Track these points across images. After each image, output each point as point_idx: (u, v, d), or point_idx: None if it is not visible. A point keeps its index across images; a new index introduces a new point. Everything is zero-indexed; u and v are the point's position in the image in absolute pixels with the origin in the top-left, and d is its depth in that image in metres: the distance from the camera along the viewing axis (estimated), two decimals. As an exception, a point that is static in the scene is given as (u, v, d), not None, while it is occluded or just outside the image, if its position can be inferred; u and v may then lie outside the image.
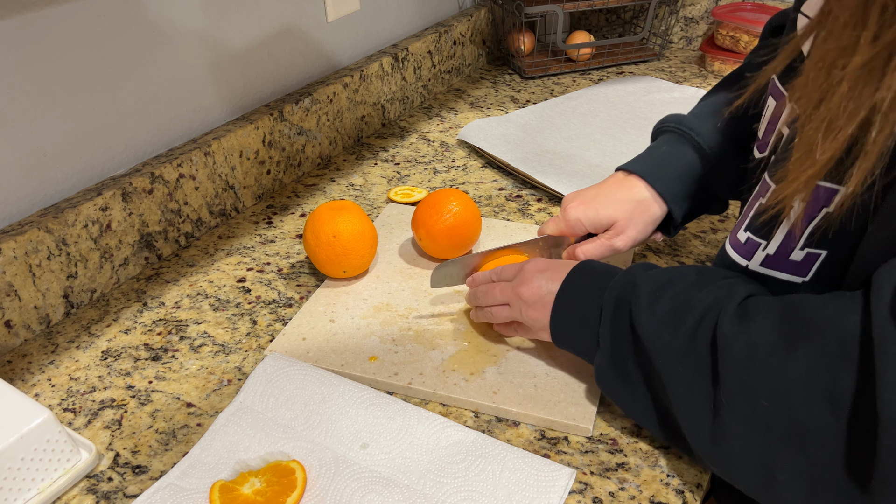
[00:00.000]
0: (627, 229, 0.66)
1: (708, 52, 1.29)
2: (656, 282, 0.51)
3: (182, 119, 0.85)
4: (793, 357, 0.41)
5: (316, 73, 1.04)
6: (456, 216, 0.74)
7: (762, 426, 0.42)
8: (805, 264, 0.47)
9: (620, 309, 0.52)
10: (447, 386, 0.60)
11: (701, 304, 0.47)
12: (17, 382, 0.64)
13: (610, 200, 0.66)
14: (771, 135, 0.54)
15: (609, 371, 0.53)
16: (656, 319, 0.49)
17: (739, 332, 0.44)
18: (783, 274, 0.48)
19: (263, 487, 0.51)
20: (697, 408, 0.46)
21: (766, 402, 0.42)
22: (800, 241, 0.46)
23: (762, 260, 0.49)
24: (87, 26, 0.71)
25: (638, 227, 0.66)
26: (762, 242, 0.49)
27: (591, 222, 0.66)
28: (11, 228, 0.67)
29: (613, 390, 0.54)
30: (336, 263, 0.71)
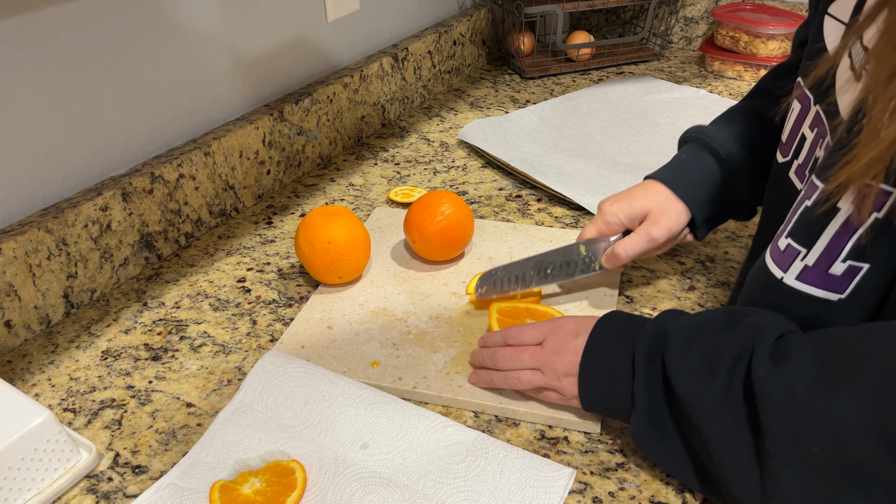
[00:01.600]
0: (661, 218, 0.66)
1: (708, 53, 1.29)
2: (686, 330, 0.49)
3: (182, 119, 0.85)
4: (836, 396, 0.39)
5: (316, 73, 1.04)
6: (449, 218, 0.74)
7: (816, 473, 0.40)
8: (844, 279, 0.45)
9: (653, 362, 0.49)
10: (452, 388, 0.60)
11: (731, 350, 0.45)
12: (17, 382, 0.64)
13: (642, 196, 0.68)
14: (794, 139, 0.54)
15: (646, 428, 0.50)
16: (689, 369, 0.47)
17: (775, 376, 0.42)
18: (819, 290, 0.46)
19: (263, 487, 0.51)
20: (743, 460, 0.44)
21: (815, 447, 0.39)
22: (843, 252, 0.44)
23: (799, 272, 0.47)
24: (87, 26, 0.71)
25: (672, 217, 0.66)
26: (802, 251, 0.47)
27: (626, 214, 0.67)
28: (11, 228, 0.67)
29: (651, 447, 0.51)
30: (332, 270, 0.71)
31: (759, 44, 1.23)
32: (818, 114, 0.50)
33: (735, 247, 0.80)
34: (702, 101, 1.16)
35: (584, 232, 0.70)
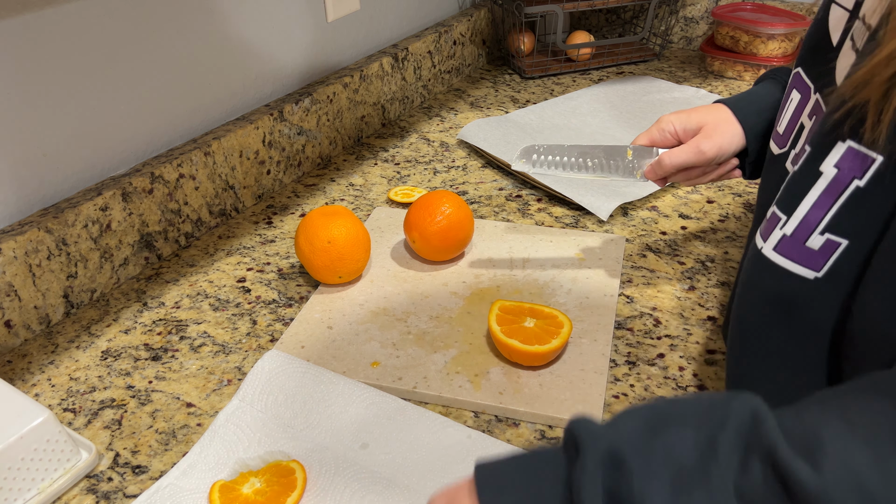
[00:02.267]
0: (714, 135, 0.64)
1: (708, 52, 1.29)
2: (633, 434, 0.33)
3: (182, 119, 0.85)
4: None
5: (316, 73, 1.04)
6: (449, 217, 0.74)
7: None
8: (821, 255, 0.43)
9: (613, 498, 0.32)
10: (452, 388, 0.60)
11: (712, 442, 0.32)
12: (17, 382, 0.64)
13: (702, 111, 0.66)
14: (792, 129, 0.53)
15: None
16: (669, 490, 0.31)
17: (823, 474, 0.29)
18: (795, 265, 0.44)
19: (263, 487, 0.51)
20: None
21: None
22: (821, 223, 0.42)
23: (777, 241, 0.46)
24: (87, 26, 0.71)
25: (726, 136, 0.64)
26: (783, 218, 0.45)
27: (681, 124, 0.66)
28: (11, 228, 0.67)
29: None
30: (332, 269, 0.71)
31: (759, 44, 1.23)
32: (818, 102, 0.50)
33: (735, 247, 0.80)
34: (702, 101, 1.16)
35: (637, 138, 0.68)
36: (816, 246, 0.43)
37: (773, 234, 0.46)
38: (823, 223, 0.42)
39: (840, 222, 0.42)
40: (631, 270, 0.77)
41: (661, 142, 0.67)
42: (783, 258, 0.46)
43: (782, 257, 0.46)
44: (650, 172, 0.66)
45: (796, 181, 0.45)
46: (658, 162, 0.65)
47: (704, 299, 0.72)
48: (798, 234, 0.44)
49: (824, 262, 0.43)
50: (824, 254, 0.43)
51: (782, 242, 0.45)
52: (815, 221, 0.43)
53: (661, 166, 0.65)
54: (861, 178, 0.40)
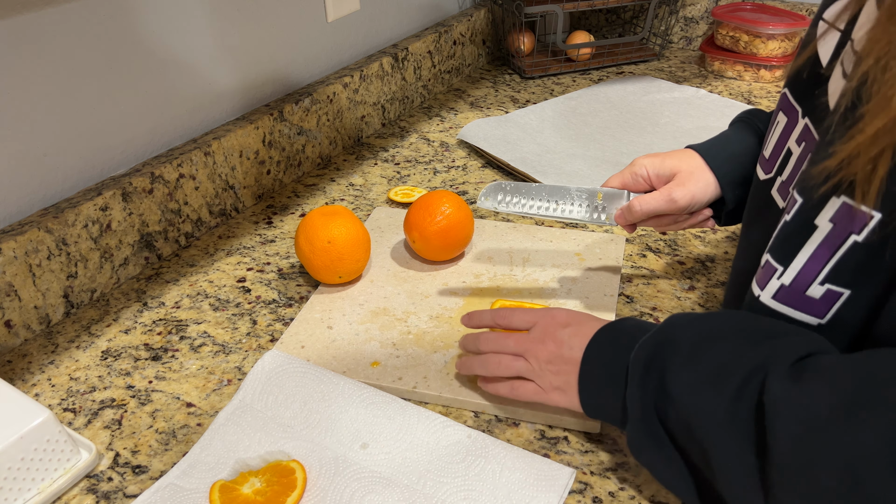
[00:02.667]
0: (688, 183, 0.62)
1: (708, 52, 1.29)
2: (697, 335, 0.45)
3: (182, 119, 0.85)
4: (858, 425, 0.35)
5: (316, 73, 1.04)
6: (449, 217, 0.74)
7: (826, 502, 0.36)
8: (823, 303, 0.42)
9: (651, 369, 0.46)
10: (452, 388, 0.60)
11: (749, 363, 0.41)
12: (17, 382, 0.64)
13: (676, 157, 0.64)
14: (779, 154, 0.51)
15: (640, 439, 0.47)
16: (696, 379, 0.43)
17: (791, 395, 0.38)
18: (796, 312, 0.44)
19: (263, 487, 0.51)
20: (746, 484, 0.40)
21: (828, 479, 0.36)
22: (820, 275, 0.41)
23: (776, 291, 0.45)
24: (87, 26, 0.71)
25: (699, 185, 0.62)
26: (779, 269, 0.44)
27: (655, 169, 0.64)
28: (11, 228, 0.67)
29: (648, 460, 0.48)
30: (332, 269, 0.71)
31: (759, 44, 1.23)
32: (807, 126, 0.48)
33: (735, 247, 0.80)
34: (702, 101, 1.16)
35: (610, 180, 0.67)
36: (817, 295, 0.43)
37: (771, 283, 0.45)
38: (822, 275, 0.42)
39: (840, 274, 0.41)
40: (631, 270, 0.77)
41: (633, 186, 0.66)
42: (783, 306, 0.45)
43: (783, 305, 0.45)
44: (620, 218, 0.65)
45: (790, 232, 0.44)
46: (628, 208, 0.64)
47: (704, 299, 0.72)
48: (797, 285, 0.43)
49: (827, 310, 0.43)
50: (826, 303, 0.42)
51: (781, 291, 0.45)
52: (814, 273, 0.42)
53: (631, 212, 0.64)
54: (859, 233, 0.39)
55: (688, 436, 0.44)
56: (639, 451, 0.48)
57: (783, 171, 0.51)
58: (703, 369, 0.43)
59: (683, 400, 0.43)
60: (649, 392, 0.46)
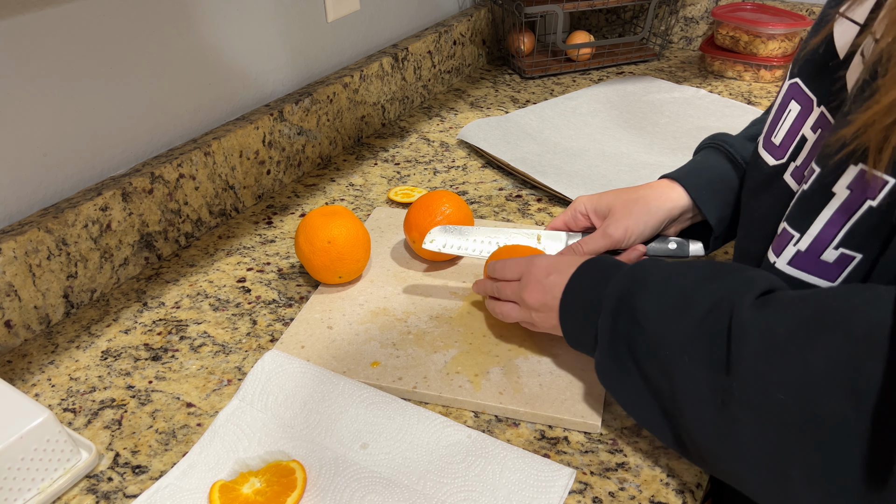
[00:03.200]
0: (623, 217, 0.65)
1: (708, 52, 1.29)
2: (666, 272, 0.50)
3: (182, 119, 0.85)
4: (814, 346, 0.39)
5: (316, 73, 1.04)
6: (449, 217, 0.74)
7: (776, 420, 0.40)
8: (836, 267, 0.45)
9: (623, 301, 0.50)
10: (452, 388, 0.60)
11: (713, 294, 0.46)
12: (17, 382, 0.64)
13: (616, 191, 0.67)
14: (791, 140, 0.53)
15: (607, 364, 0.52)
16: (663, 307, 0.48)
17: (757, 319, 0.42)
18: (810, 276, 0.47)
19: (263, 487, 0.51)
20: (703, 400, 0.44)
21: (782, 395, 0.39)
22: (835, 239, 0.44)
23: (792, 256, 0.47)
24: (87, 26, 0.71)
25: (632, 216, 0.65)
26: (795, 235, 0.47)
27: (592, 207, 0.67)
28: (11, 228, 0.67)
29: (613, 385, 0.52)
30: (332, 269, 0.71)
31: (759, 44, 1.23)
32: (823, 114, 0.50)
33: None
34: (702, 101, 1.16)
35: (553, 222, 0.71)
36: (831, 259, 0.45)
37: (787, 249, 0.48)
38: (837, 239, 0.44)
39: (854, 238, 0.44)
40: (631, 270, 0.77)
41: (574, 225, 0.69)
42: (798, 271, 0.47)
43: (798, 270, 0.47)
44: None
45: (807, 200, 0.46)
46: (572, 251, 0.68)
47: (704, 299, 0.72)
48: (812, 249, 0.46)
49: (839, 273, 0.45)
50: (839, 266, 0.45)
51: (797, 257, 0.47)
52: (830, 238, 0.45)
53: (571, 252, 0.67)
54: (874, 198, 0.42)
55: (654, 362, 0.48)
56: (605, 377, 0.53)
57: (797, 157, 0.53)
58: (669, 299, 0.48)
59: (650, 326, 0.48)
60: (620, 321, 0.50)
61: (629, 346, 0.50)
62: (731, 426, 0.42)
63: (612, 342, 0.51)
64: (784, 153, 0.55)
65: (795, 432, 0.39)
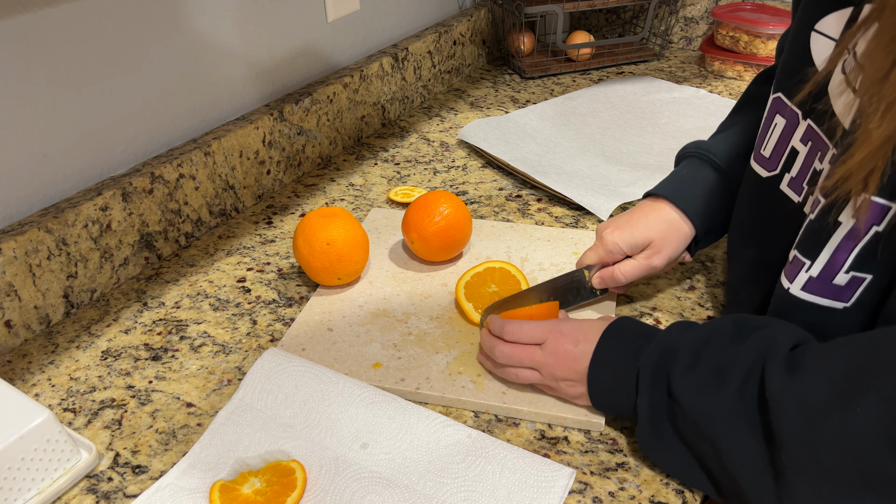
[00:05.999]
0: (663, 248, 0.67)
1: (708, 52, 1.29)
2: (694, 342, 0.50)
3: (182, 119, 0.85)
4: (852, 408, 0.39)
5: (316, 73, 1.04)
6: (447, 218, 0.74)
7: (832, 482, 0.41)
8: (848, 289, 0.46)
9: (657, 378, 0.50)
10: (455, 389, 0.60)
11: (745, 361, 0.46)
12: (17, 382, 0.64)
13: (644, 223, 0.67)
14: (781, 153, 0.54)
15: (651, 440, 0.52)
16: (699, 382, 0.48)
17: (790, 388, 0.42)
18: (824, 300, 0.48)
19: (263, 487, 0.51)
20: (757, 470, 0.44)
21: (832, 459, 0.40)
22: (845, 264, 0.45)
23: (804, 283, 0.48)
24: (88, 26, 0.71)
25: (672, 246, 0.67)
26: (807, 262, 0.48)
27: (627, 244, 0.67)
28: (11, 228, 0.67)
29: (660, 457, 0.52)
30: (331, 271, 0.71)
31: (759, 44, 1.23)
32: (810, 127, 0.51)
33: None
34: (702, 101, 1.16)
35: (584, 258, 0.70)
36: (843, 282, 0.46)
37: (800, 276, 0.49)
38: (847, 264, 0.46)
39: (863, 262, 0.45)
40: (631, 270, 0.77)
41: (608, 259, 0.69)
42: (812, 295, 0.49)
43: (812, 295, 0.49)
44: (599, 282, 0.69)
45: (816, 229, 0.47)
46: (611, 277, 0.68)
47: (704, 299, 0.72)
48: (824, 275, 0.47)
49: (852, 294, 0.47)
50: (851, 288, 0.46)
51: (809, 283, 0.48)
52: (840, 263, 0.46)
53: (613, 280, 0.68)
54: (879, 224, 0.43)
55: (698, 435, 0.48)
56: (648, 449, 0.52)
57: (791, 168, 0.54)
58: (703, 372, 0.48)
59: (689, 403, 0.48)
60: (657, 398, 0.50)
61: (671, 421, 0.50)
62: (791, 493, 0.43)
63: (652, 418, 0.51)
64: (776, 165, 0.56)
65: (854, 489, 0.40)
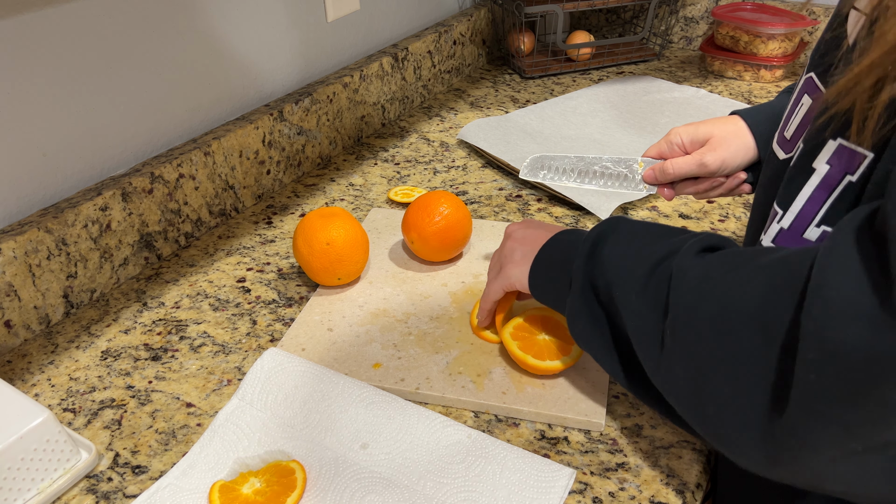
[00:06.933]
0: (719, 148, 0.65)
1: (708, 52, 1.29)
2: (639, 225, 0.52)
3: (182, 119, 0.85)
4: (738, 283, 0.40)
5: (316, 73, 1.04)
6: (447, 218, 0.73)
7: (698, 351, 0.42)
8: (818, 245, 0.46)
9: (597, 245, 0.52)
10: (455, 389, 0.60)
11: (670, 246, 0.48)
12: (17, 382, 0.64)
13: (711, 123, 0.67)
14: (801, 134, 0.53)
15: (579, 307, 0.52)
16: (624, 254, 0.50)
17: (695, 263, 0.44)
18: None
19: (263, 487, 0.51)
20: (650, 339, 0.46)
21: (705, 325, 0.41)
22: (816, 216, 0.44)
23: (775, 235, 0.48)
24: (87, 26, 0.71)
25: (731, 149, 0.65)
26: (780, 212, 0.47)
27: (689, 136, 0.66)
28: (11, 228, 0.67)
29: (581, 329, 0.53)
30: (331, 271, 0.71)
31: (759, 44, 1.23)
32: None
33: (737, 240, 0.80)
34: (702, 101, 1.16)
35: (648, 151, 0.70)
36: (813, 237, 0.45)
37: (771, 227, 0.48)
38: (818, 216, 0.44)
39: (835, 215, 0.43)
40: (631, 270, 0.77)
41: (670, 154, 0.69)
42: None
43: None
44: (650, 177, 0.68)
45: (792, 178, 0.46)
46: (661, 168, 0.67)
47: (704, 299, 0.72)
48: (795, 227, 0.46)
49: None
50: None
51: (780, 235, 0.47)
52: (811, 215, 0.45)
53: (663, 173, 0.67)
54: (853, 173, 0.41)
55: (611, 303, 0.50)
56: (575, 321, 0.53)
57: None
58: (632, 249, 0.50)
59: (610, 271, 0.50)
60: (591, 266, 0.52)
61: (596, 293, 0.52)
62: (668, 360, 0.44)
63: (583, 287, 0.52)
64: (793, 147, 0.54)
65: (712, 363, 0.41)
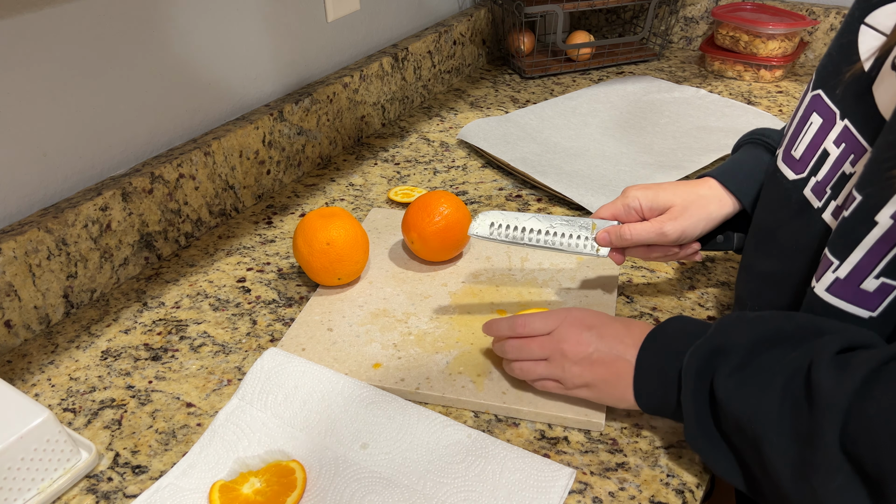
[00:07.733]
0: (680, 217, 0.63)
1: (708, 52, 1.29)
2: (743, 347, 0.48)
3: (182, 119, 0.85)
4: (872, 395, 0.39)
5: (316, 73, 1.04)
6: (447, 218, 0.74)
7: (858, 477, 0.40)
8: (876, 296, 0.44)
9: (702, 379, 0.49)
10: (455, 389, 0.60)
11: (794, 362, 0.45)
12: (17, 382, 0.64)
13: (672, 189, 0.65)
14: (812, 154, 0.52)
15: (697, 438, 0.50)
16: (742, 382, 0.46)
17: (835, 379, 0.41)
18: (849, 305, 0.46)
19: (263, 487, 0.51)
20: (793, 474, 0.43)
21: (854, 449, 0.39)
22: (876, 268, 0.43)
23: (830, 284, 0.46)
24: (88, 26, 0.71)
25: (691, 220, 0.63)
26: (835, 262, 0.46)
27: (648, 202, 0.64)
28: (11, 228, 0.67)
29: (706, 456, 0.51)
30: (331, 271, 0.71)
31: (759, 44, 1.23)
32: (847, 128, 0.48)
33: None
34: (702, 101, 1.16)
35: (601, 211, 0.67)
36: (871, 288, 0.44)
37: (826, 276, 0.47)
38: (878, 268, 0.43)
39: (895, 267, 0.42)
40: (631, 270, 0.77)
41: (626, 217, 0.66)
42: (836, 298, 0.46)
43: (836, 298, 0.46)
44: (604, 238, 0.65)
45: (849, 228, 0.45)
46: (618, 233, 0.64)
47: (704, 299, 0.72)
48: (851, 279, 0.45)
49: (879, 302, 0.44)
50: (879, 295, 0.44)
51: (836, 285, 0.46)
52: (870, 267, 0.44)
53: (620, 238, 0.64)
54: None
55: (740, 435, 0.47)
56: (697, 448, 0.51)
57: (818, 172, 0.51)
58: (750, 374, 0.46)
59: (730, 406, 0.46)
60: (700, 400, 0.49)
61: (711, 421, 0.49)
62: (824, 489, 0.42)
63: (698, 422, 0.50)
64: (805, 167, 0.53)
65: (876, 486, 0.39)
